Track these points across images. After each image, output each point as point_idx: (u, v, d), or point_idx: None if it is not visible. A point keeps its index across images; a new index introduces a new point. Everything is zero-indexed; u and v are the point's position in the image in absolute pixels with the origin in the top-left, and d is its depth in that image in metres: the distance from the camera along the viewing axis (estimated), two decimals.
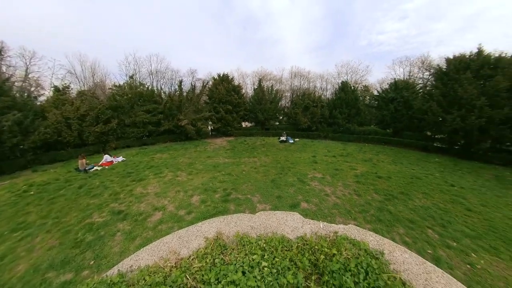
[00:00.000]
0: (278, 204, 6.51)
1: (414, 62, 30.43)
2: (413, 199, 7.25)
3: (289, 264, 1.64)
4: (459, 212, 6.55)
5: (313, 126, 21.93)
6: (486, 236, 5.37)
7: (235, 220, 2.37)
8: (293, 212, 2.58)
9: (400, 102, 18.34)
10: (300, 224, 2.32)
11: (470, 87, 12.47)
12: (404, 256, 1.87)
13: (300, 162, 11.64)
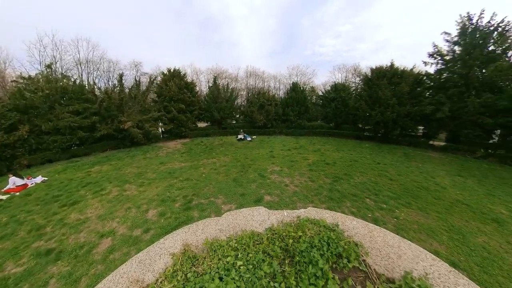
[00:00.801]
0: (243, 201, 6.52)
1: (349, 69, 37.88)
2: (353, 178, 8.72)
3: (263, 256, 1.69)
4: (385, 182, 8.34)
5: (268, 123, 23.06)
6: (403, 196, 7.11)
7: (201, 227, 2.23)
8: (258, 206, 2.63)
9: (339, 101, 21.93)
10: (266, 216, 2.39)
11: (386, 90, 16.29)
12: (353, 223, 2.22)
13: (259, 158, 11.99)
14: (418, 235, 5.12)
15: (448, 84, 14.69)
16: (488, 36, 13.31)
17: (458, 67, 14.35)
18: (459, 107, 13.74)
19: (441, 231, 5.32)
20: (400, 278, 1.54)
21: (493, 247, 4.78)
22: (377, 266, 1.69)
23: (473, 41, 13.70)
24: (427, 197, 7.21)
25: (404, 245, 1.89)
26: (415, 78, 16.28)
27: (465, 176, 9.85)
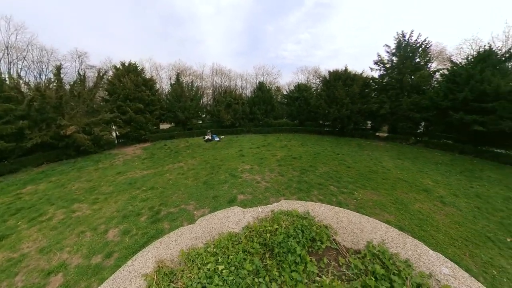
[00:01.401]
0: (216, 204, 6.34)
1: (310, 71, 41.12)
2: (318, 169, 9.48)
3: (244, 255, 1.69)
4: (344, 170, 9.37)
5: (236, 123, 22.93)
6: (359, 180, 8.15)
7: (174, 238, 2.05)
8: (233, 207, 2.60)
9: (302, 100, 23.50)
10: (242, 215, 2.38)
11: (341, 91, 18.49)
12: (321, 209, 2.43)
13: (229, 158, 11.87)
14: (373, 210, 6.02)
15: (388, 86, 17.96)
16: (415, 51, 16.93)
17: (395, 74, 17.57)
18: (396, 105, 16.86)
19: (389, 204, 6.39)
20: (364, 248, 1.79)
21: (426, 210, 6.07)
22: (345, 242, 1.90)
23: (405, 54, 17.11)
24: (377, 178, 8.49)
25: (364, 221, 2.18)
26: (364, 81, 19.17)
27: (403, 159, 11.96)
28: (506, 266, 4.15)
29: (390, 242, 1.86)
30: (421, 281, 1.40)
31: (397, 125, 17.63)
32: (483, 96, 12.41)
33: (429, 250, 1.77)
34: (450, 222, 5.63)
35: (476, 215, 6.08)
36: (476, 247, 4.69)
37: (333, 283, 1.40)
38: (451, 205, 6.54)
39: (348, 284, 1.45)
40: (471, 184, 8.51)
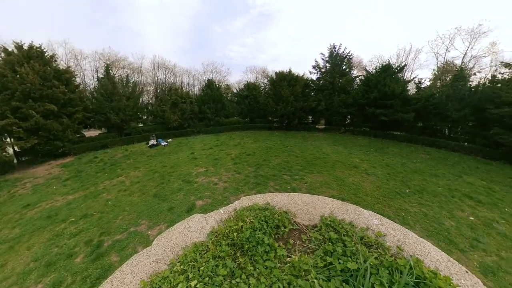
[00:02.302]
0: (173, 217, 5.73)
1: (258, 71, 42.72)
2: (271, 162, 10.09)
3: (215, 262, 1.61)
4: (293, 160, 10.34)
5: (184, 123, 21.17)
6: (307, 166, 9.19)
7: (129, 270, 1.67)
8: (193, 215, 2.42)
9: (252, 99, 24.26)
10: (204, 222, 2.26)
11: (287, 90, 20.42)
12: (279, 197, 2.62)
13: (180, 163, 10.92)
14: (321, 189, 7.03)
15: (323, 87, 21.62)
16: (343, 60, 21.11)
17: (328, 77, 21.44)
18: (329, 102, 20.42)
19: (332, 182, 7.64)
20: (319, 221, 2.07)
21: (357, 182, 7.66)
22: (304, 221, 2.13)
23: (336, 62, 21.11)
24: (320, 163, 9.87)
25: (315, 200, 2.50)
26: (304, 82, 21.94)
27: (337, 144, 14.42)
28: (408, 208, 6.06)
29: (336, 211, 2.22)
30: (363, 234, 1.80)
31: (331, 119, 21.46)
32: (385, 96, 16.86)
33: (364, 210, 2.23)
34: (373, 187, 7.42)
35: (388, 178, 8.28)
36: (390, 200, 6.47)
37: (301, 259, 1.55)
38: (372, 175, 8.57)
39: (313, 254, 1.64)
40: (383, 157, 11.35)
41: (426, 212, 5.97)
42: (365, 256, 1.48)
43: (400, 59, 27.70)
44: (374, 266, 1.39)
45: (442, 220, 5.60)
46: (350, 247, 1.61)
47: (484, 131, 12.86)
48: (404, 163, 10.47)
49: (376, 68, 19.67)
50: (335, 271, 1.40)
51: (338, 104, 19.72)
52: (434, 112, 15.22)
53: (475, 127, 13.92)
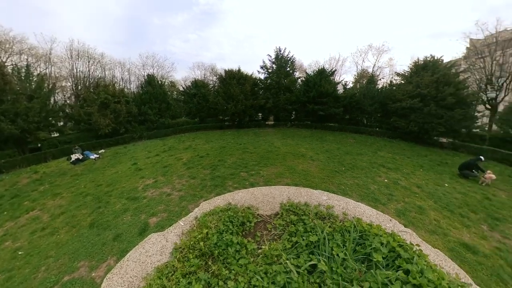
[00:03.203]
0: (123, 245, 4.67)
1: (207, 68, 39.73)
2: (226, 161, 9.93)
3: (186, 280, 1.44)
4: (248, 156, 10.53)
5: (120, 128, 17.47)
6: (261, 161, 9.58)
7: None
8: (148, 237, 2.08)
9: (201, 97, 22.93)
10: (163, 240, 1.97)
11: (236, 89, 20.46)
12: (239, 195, 2.62)
13: (120, 178, 9.03)
14: (276, 179, 7.49)
15: (271, 86, 23.07)
16: (287, 62, 23.03)
17: (275, 77, 23.08)
18: (276, 100, 22.00)
19: (285, 171, 8.25)
20: (280, 209, 2.21)
21: (305, 168, 8.59)
22: (266, 212, 2.22)
23: (281, 64, 22.79)
24: (273, 156, 10.49)
25: (272, 190, 2.65)
26: (253, 81, 22.63)
27: (286, 138, 15.71)
28: (346, 182, 7.46)
29: (293, 196, 2.43)
30: (316, 210, 2.04)
31: (279, 115, 23.24)
32: (321, 95, 19.81)
33: (314, 191, 2.54)
34: (319, 170, 8.59)
35: (328, 161, 9.77)
36: (332, 178, 7.74)
37: (271, 246, 1.62)
38: (317, 160, 9.89)
39: (280, 239, 1.74)
40: (323, 145, 13.29)
41: (358, 182, 7.57)
42: (322, 228, 1.69)
43: (332, 65, 33.09)
44: (330, 233, 1.62)
45: (368, 186, 7.29)
46: (309, 224, 1.80)
47: (387, 119, 17.34)
48: (339, 148, 12.68)
49: (314, 71, 22.90)
50: (302, 247, 1.55)
51: (284, 102, 21.60)
52: (356, 107, 19.62)
53: (382, 117, 18.64)
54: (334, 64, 34.11)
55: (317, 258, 1.42)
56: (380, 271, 1.25)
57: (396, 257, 1.37)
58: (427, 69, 15.02)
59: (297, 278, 1.28)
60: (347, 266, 1.35)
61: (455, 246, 4.56)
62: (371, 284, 1.17)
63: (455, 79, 14.20)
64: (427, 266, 1.29)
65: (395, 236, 1.55)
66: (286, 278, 1.28)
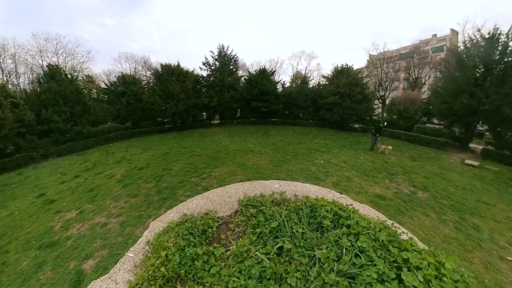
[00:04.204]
0: None
1: (138, 60, 33.63)
2: (173, 169, 9.02)
3: None
4: (196, 159, 10.04)
5: (7, 146, 12.00)
6: (211, 163, 9.31)
7: None
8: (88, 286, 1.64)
9: (132, 96, 19.26)
10: (112, 285, 1.55)
11: (176, 86, 18.42)
12: (194, 202, 2.45)
13: (20, 221, 6.31)
14: (230, 178, 7.47)
15: (214, 84, 22.48)
16: (230, 60, 22.81)
17: (218, 75, 22.54)
18: (221, 98, 21.64)
19: (237, 169, 8.36)
20: (238, 206, 2.22)
21: (256, 162, 8.88)
22: (226, 212, 2.19)
23: (224, 61, 22.47)
24: (222, 155, 10.39)
25: (228, 189, 2.64)
26: (195, 78, 21.15)
27: (233, 136, 15.91)
28: (292, 168, 8.32)
29: (248, 191, 2.51)
30: (272, 198, 2.21)
31: (224, 113, 23.07)
32: (263, 93, 21.09)
33: (266, 181, 2.71)
34: (268, 161, 9.23)
35: (275, 153, 10.66)
36: (280, 167, 8.52)
37: (238, 245, 1.61)
38: (265, 153, 10.59)
39: (245, 235, 1.75)
40: (268, 139, 14.31)
41: (301, 166, 8.69)
42: (279, 212, 1.84)
43: (272, 66, 35.89)
44: (287, 215, 1.79)
45: (310, 168, 8.53)
46: (268, 212, 1.91)
47: (317, 113, 20.72)
48: (282, 139, 14.06)
49: (256, 70, 24.08)
50: (266, 235, 1.64)
51: (229, 100, 21.65)
52: (293, 104, 22.35)
53: (314, 111, 22.00)
54: (273, 65, 37.07)
55: (282, 240, 1.56)
56: (330, 232, 1.57)
57: (339, 218, 1.74)
58: (343, 74, 19.47)
59: (270, 264, 1.36)
60: (307, 237, 1.58)
61: (373, 198, 6.28)
62: (327, 245, 1.46)
63: (361, 82, 19.46)
64: (359, 217, 1.71)
65: (335, 203, 1.92)
66: (260, 268, 1.34)
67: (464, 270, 1.28)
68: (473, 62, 12.35)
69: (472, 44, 12.55)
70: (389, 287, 1.12)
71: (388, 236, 1.47)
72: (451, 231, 5.20)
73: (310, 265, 1.35)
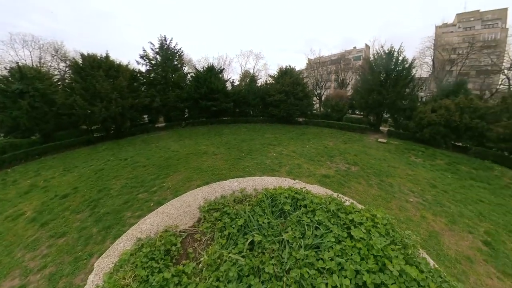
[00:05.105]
0: None
1: (45, 47, 24.02)
2: (112, 188, 7.51)
3: None
4: (142, 171, 8.91)
5: None
6: (161, 172, 8.44)
7: None
8: None
9: (36, 97, 13.94)
10: None
11: (105, 83, 14.88)
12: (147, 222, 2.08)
13: None
14: (186, 185, 7.02)
15: (156, 82, 19.85)
16: (174, 55, 20.82)
17: (160, 71, 20.00)
18: (165, 98, 19.35)
19: (192, 174, 7.93)
20: (200, 213, 2.11)
21: (211, 164, 8.80)
22: (188, 223, 2.02)
23: (167, 55, 20.19)
24: (173, 162, 9.56)
25: (185, 198, 2.44)
26: (131, 74, 17.79)
27: (183, 139, 14.81)
28: (248, 164, 8.68)
29: (208, 195, 2.40)
30: (233, 197, 2.21)
31: (170, 114, 20.86)
32: (212, 91, 20.42)
33: (225, 181, 2.69)
34: (223, 161, 9.28)
35: (230, 151, 10.73)
36: (237, 165, 8.81)
37: (209, 253, 1.52)
38: (219, 153, 10.53)
39: (214, 241, 1.67)
40: (221, 138, 14.31)
41: (257, 161, 9.14)
42: (243, 209, 1.86)
43: (220, 64, 34.61)
44: (251, 210, 1.83)
45: (265, 161, 9.13)
46: (232, 212, 1.89)
47: (266, 109, 21.84)
48: (235, 138, 14.24)
49: (204, 67, 22.95)
50: (235, 235, 1.64)
51: (175, 100, 19.70)
52: (243, 102, 22.68)
53: (263, 108, 22.99)
54: (222, 63, 36.02)
55: (251, 235, 1.60)
56: (292, 215, 1.76)
57: (296, 201, 1.95)
58: (287, 74, 21.48)
59: (245, 261, 1.37)
60: (273, 225, 1.69)
61: (320, 178, 7.45)
62: (291, 227, 1.63)
63: (302, 81, 22.20)
64: (313, 196, 1.99)
65: (291, 188, 2.12)
66: (237, 268, 1.33)
67: (388, 215, 1.74)
68: (379, 69, 17.11)
69: (378, 57, 17.42)
70: (344, 244, 1.41)
71: (336, 206, 1.82)
72: (376, 191, 6.97)
73: (281, 249, 1.47)
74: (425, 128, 13.51)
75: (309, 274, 1.24)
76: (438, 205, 6.32)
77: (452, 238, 5.03)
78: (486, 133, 11.86)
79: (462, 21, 35.06)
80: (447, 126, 12.83)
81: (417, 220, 5.56)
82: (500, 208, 6.50)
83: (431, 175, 8.66)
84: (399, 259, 1.26)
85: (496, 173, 9.52)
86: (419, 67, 24.28)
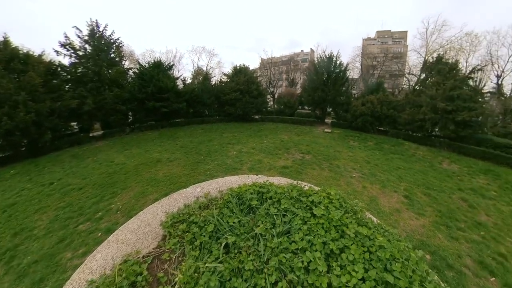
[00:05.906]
0: None
1: None
2: (37, 227, 5.77)
3: None
4: (77, 197, 7.41)
5: None
6: (105, 192, 7.31)
7: None
8: None
9: None
10: None
11: (5, 81, 10.83)
12: (98, 257, 1.75)
13: None
14: (140, 202, 6.15)
15: (86, 78, 16.00)
16: (110, 46, 17.60)
17: (91, 65, 16.33)
18: (100, 99, 15.89)
19: (146, 187, 7.03)
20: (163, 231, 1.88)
21: (167, 172, 8.09)
22: (152, 245, 1.75)
23: (101, 46, 16.86)
24: (120, 177, 8.12)
25: (142, 217, 2.12)
26: (47, 67, 13.50)
27: (129, 148, 12.77)
28: (209, 167, 8.54)
29: (169, 207, 2.17)
30: (198, 205, 2.06)
31: (109, 119, 17.23)
32: (161, 90, 18.02)
33: (186, 189, 2.50)
34: (181, 167, 8.72)
35: (187, 156, 10.24)
36: (197, 169, 8.48)
37: (183, 270, 1.39)
38: (175, 160, 9.75)
39: (186, 256, 1.52)
40: (176, 142, 13.35)
41: (217, 162, 9.00)
42: (211, 214, 1.79)
43: (169, 59, 31.03)
44: (219, 213, 1.78)
45: (226, 161, 9.10)
46: (199, 220, 1.78)
47: (222, 108, 21.55)
48: (192, 140, 13.44)
49: (149, 62, 19.96)
50: (208, 243, 1.55)
51: (113, 101, 16.41)
52: (197, 101, 21.44)
53: (218, 107, 22.45)
54: (171, 58, 32.50)
55: (224, 238, 1.55)
56: (260, 209, 1.83)
57: (262, 195, 2.03)
58: (242, 73, 21.73)
59: (224, 266, 1.34)
60: (244, 223, 1.69)
61: (281, 170, 8.06)
62: (261, 220, 1.70)
63: (256, 80, 22.93)
64: (276, 187, 2.11)
65: (255, 184, 2.20)
66: (217, 276, 1.29)
67: (339, 191, 2.07)
68: (322, 70, 19.89)
69: (321, 60, 20.45)
70: (310, 223, 1.60)
71: (297, 191, 2.02)
72: (327, 173, 8.15)
73: (256, 243, 1.51)
74: (358, 118, 16.72)
75: (286, 258, 1.34)
76: (372, 176, 8.01)
77: (385, 198, 6.55)
78: (397, 119, 15.68)
79: (380, 37, 46.98)
80: (373, 116, 16.25)
81: (360, 190, 6.91)
82: (411, 170, 8.92)
83: (365, 154, 10.80)
84: (353, 224, 1.53)
85: (406, 147, 12.72)
86: (351, 70, 30.18)
